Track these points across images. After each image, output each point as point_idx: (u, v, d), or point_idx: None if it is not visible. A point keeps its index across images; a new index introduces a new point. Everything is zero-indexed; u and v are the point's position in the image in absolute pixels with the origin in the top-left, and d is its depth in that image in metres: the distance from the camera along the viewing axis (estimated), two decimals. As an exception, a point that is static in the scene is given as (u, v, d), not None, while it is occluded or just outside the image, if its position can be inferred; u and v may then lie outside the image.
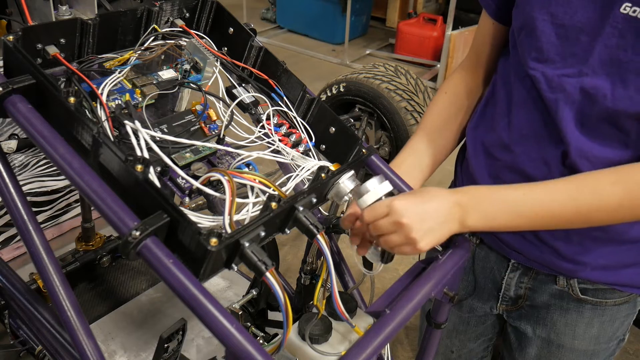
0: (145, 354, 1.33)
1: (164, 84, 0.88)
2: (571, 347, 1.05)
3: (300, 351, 0.77)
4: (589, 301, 0.99)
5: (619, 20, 0.76)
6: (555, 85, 0.84)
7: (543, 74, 0.85)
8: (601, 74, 0.79)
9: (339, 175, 0.81)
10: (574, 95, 0.82)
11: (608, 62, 0.78)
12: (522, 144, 0.91)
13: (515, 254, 1.01)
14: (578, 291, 0.98)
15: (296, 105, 0.94)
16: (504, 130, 0.93)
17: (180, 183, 0.75)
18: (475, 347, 1.22)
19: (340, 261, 1.01)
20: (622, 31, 0.76)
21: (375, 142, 2.76)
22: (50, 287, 0.75)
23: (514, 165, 0.93)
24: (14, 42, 0.74)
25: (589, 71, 0.80)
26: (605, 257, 0.92)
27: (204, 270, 0.63)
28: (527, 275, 1.03)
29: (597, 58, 0.79)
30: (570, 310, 1.02)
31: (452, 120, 1.04)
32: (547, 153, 0.88)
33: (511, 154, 0.93)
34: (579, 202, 0.79)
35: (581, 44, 0.80)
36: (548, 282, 1.01)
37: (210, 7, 0.97)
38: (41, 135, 0.70)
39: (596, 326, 1.02)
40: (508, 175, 0.94)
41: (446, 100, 1.05)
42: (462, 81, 1.05)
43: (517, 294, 1.06)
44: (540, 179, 0.85)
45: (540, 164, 0.89)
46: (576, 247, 0.92)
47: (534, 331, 1.07)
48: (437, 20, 4.74)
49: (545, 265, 0.98)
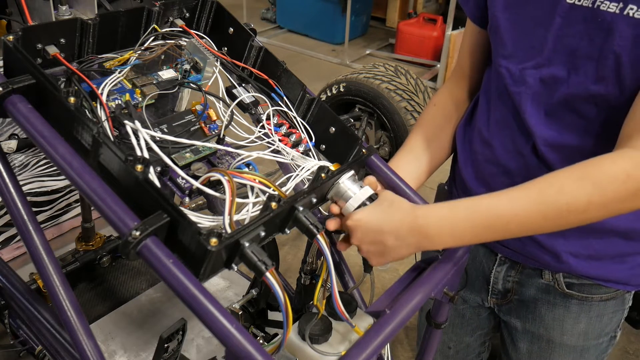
0: (145, 354, 1.33)
1: (164, 84, 0.88)
2: (560, 342, 1.06)
3: (300, 351, 0.77)
4: (575, 296, 1.00)
5: (565, 9, 0.80)
6: (517, 78, 0.87)
7: (507, 69, 0.89)
8: (556, 63, 0.83)
9: (339, 175, 0.81)
10: (534, 86, 0.86)
11: (560, 50, 0.82)
12: (498, 137, 0.95)
13: (501, 248, 1.03)
14: (564, 285, 1.00)
15: (296, 105, 0.94)
16: (484, 125, 0.97)
17: (180, 183, 0.75)
18: (472, 341, 1.23)
19: (340, 261, 1.01)
20: (570, 20, 0.80)
21: (375, 142, 2.76)
22: (50, 287, 0.75)
23: (493, 159, 0.96)
24: (14, 42, 0.74)
25: (545, 62, 0.84)
26: (587, 248, 0.93)
27: (204, 270, 0.63)
28: (514, 269, 1.05)
29: (551, 48, 0.83)
30: (557, 305, 1.03)
31: (441, 132, 1.05)
32: (520, 144, 0.91)
33: (490, 148, 0.96)
34: (545, 206, 0.74)
35: (537, 36, 0.84)
36: (534, 276, 1.02)
37: (210, 7, 0.97)
38: (41, 135, 0.70)
39: (584, 322, 1.03)
40: (488, 167, 0.97)
41: (435, 112, 1.07)
42: (449, 94, 1.07)
43: (506, 288, 1.08)
44: (517, 170, 0.91)
45: (516, 155, 0.92)
46: (558, 238, 0.93)
47: (524, 326, 1.09)
48: (437, 20, 4.74)
49: (529, 257, 0.99)
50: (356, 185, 0.81)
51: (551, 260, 0.96)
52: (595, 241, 0.92)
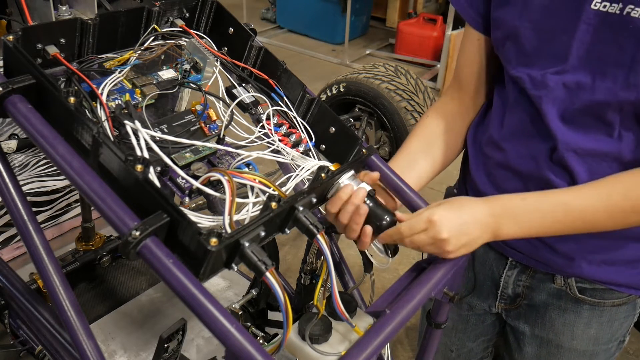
0: (145, 354, 1.33)
1: (164, 84, 0.88)
2: (570, 347, 1.05)
3: (300, 351, 0.77)
4: (587, 301, 0.99)
5: (591, 17, 0.79)
6: (538, 83, 0.87)
7: (528, 75, 0.87)
8: (581, 70, 0.82)
9: (339, 175, 0.81)
10: (556, 90, 0.85)
11: (585, 57, 0.81)
12: (511, 141, 0.94)
13: (512, 252, 1.02)
14: (576, 290, 0.99)
15: (296, 105, 0.94)
16: (496, 129, 0.96)
17: (180, 183, 0.75)
18: (474, 346, 1.22)
19: (340, 261, 1.01)
20: (596, 26, 0.79)
21: (375, 142, 2.76)
22: (50, 287, 0.75)
23: (504, 163, 0.96)
24: (14, 42, 0.74)
25: (569, 68, 0.83)
26: (601, 252, 0.93)
27: (204, 270, 0.63)
28: (524, 274, 1.04)
29: (575, 55, 0.82)
30: (568, 310, 1.02)
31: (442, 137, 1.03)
32: (534, 149, 0.91)
33: (502, 152, 0.96)
34: (612, 205, 0.80)
35: (561, 43, 0.83)
36: (546, 280, 1.01)
37: (210, 7, 0.97)
38: (41, 135, 0.70)
39: (595, 327, 1.02)
40: (499, 172, 0.97)
41: (435, 119, 1.04)
42: (445, 107, 1.06)
43: (515, 293, 1.07)
44: (529, 174, 0.91)
45: (528, 160, 0.92)
46: (571, 242, 0.92)
47: (533, 331, 1.08)
48: (437, 20, 4.74)
49: (541, 262, 0.98)
50: (356, 185, 0.81)
51: (564, 265, 0.95)
52: (609, 246, 0.92)
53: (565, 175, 0.89)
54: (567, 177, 0.89)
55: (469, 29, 0.98)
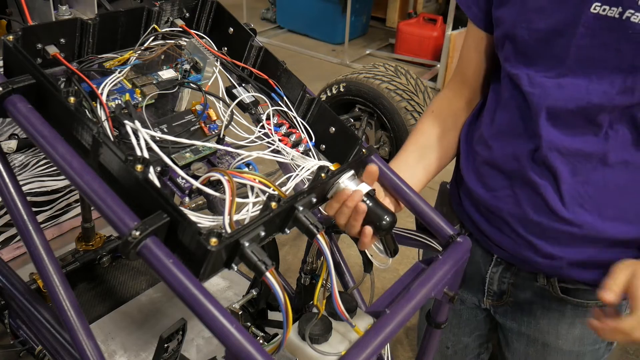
0: (145, 354, 1.33)
1: (164, 84, 0.88)
2: (556, 346, 1.06)
3: (300, 351, 0.77)
4: (570, 301, 1.00)
5: (590, 20, 0.79)
6: (534, 82, 0.87)
7: (527, 74, 0.88)
8: (578, 72, 0.82)
9: (339, 175, 0.81)
10: (552, 90, 0.85)
11: (583, 60, 0.81)
12: (498, 139, 0.95)
13: (497, 249, 1.02)
14: (559, 290, 0.99)
15: (296, 105, 0.94)
16: (486, 127, 0.97)
17: (180, 183, 0.75)
18: (469, 342, 1.23)
19: (340, 261, 1.01)
20: (594, 30, 0.79)
21: (375, 142, 2.76)
22: (50, 287, 0.75)
23: (490, 160, 0.96)
24: (14, 42, 0.74)
25: (567, 71, 0.83)
26: (581, 254, 0.92)
27: (204, 270, 0.63)
28: (509, 271, 1.05)
29: (572, 58, 0.82)
30: (552, 309, 1.03)
31: (439, 140, 1.04)
32: (518, 148, 0.91)
33: (489, 150, 0.96)
34: None
35: (559, 45, 0.83)
36: (530, 279, 1.02)
37: (210, 7, 0.97)
38: (41, 135, 0.70)
39: (579, 327, 1.03)
40: (486, 169, 0.98)
41: (433, 120, 1.06)
42: (448, 104, 1.07)
43: (501, 289, 1.08)
44: (512, 173, 0.92)
45: (511, 159, 0.93)
46: (552, 244, 0.92)
47: (520, 328, 1.09)
48: (437, 20, 4.74)
49: (524, 261, 0.98)
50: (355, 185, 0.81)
51: (545, 265, 0.95)
52: (591, 249, 0.91)
53: (549, 175, 0.89)
54: (550, 177, 0.89)
55: (471, 25, 0.99)
